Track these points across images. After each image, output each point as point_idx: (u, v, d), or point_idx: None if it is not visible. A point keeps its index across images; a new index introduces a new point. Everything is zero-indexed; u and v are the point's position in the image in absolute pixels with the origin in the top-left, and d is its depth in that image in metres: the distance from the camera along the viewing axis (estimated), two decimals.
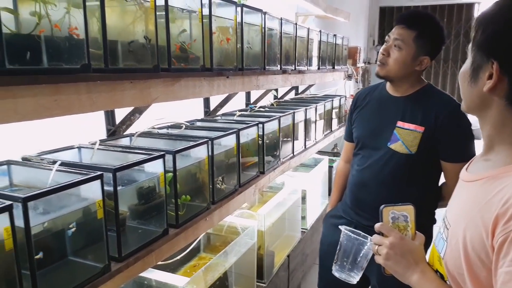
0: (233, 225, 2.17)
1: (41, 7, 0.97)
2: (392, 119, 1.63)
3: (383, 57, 1.62)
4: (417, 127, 1.56)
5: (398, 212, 1.03)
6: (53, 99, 0.97)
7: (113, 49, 1.18)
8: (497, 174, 0.78)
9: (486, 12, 0.80)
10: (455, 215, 0.88)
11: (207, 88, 1.63)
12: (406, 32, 1.56)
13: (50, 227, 1.03)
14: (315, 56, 2.97)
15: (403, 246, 0.95)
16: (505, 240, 0.68)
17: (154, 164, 1.31)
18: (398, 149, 1.59)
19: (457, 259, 0.80)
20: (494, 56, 0.76)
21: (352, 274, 1.16)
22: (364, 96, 1.82)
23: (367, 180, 1.69)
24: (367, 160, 1.70)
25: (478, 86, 0.81)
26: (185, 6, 1.44)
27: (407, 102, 1.64)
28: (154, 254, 1.31)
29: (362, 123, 1.77)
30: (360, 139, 1.75)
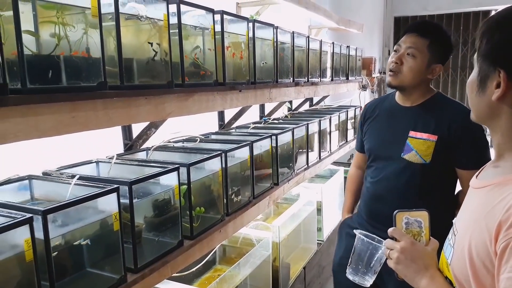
0: (248, 237, 2.18)
1: (60, 29, 1.02)
2: (404, 129, 1.62)
3: (396, 66, 1.60)
4: (430, 136, 1.55)
5: (412, 218, 1.04)
6: (71, 116, 1.01)
7: (129, 67, 1.23)
8: (503, 181, 0.79)
9: (490, 21, 0.80)
10: (463, 221, 0.89)
11: (220, 102, 1.67)
12: (420, 40, 1.56)
13: (68, 239, 1.07)
14: (328, 67, 2.99)
15: (414, 251, 0.95)
16: (506, 246, 0.68)
17: (169, 176, 1.35)
18: (413, 159, 1.58)
19: (463, 266, 0.80)
20: (501, 65, 0.76)
21: (366, 278, 1.17)
22: (373, 108, 1.81)
23: (383, 192, 1.67)
24: (381, 172, 1.69)
25: (486, 95, 0.81)
26: (198, 23, 1.48)
27: (418, 112, 1.63)
28: (169, 266, 1.33)
29: (373, 135, 1.76)
30: (372, 151, 1.75)
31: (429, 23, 1.65)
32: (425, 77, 1.60)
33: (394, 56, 1.62)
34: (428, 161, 1.55)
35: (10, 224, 0.85)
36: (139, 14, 1.23)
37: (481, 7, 6.57)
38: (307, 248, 2.81)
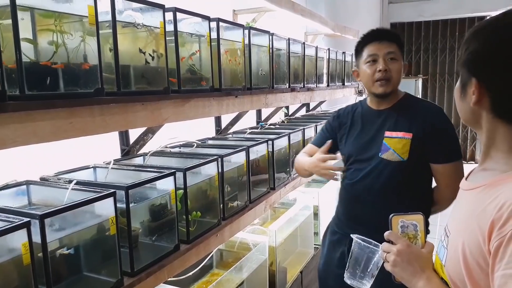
0: (245, 241, 2.19)
1: (58, 36, 1.05)
2: (379, 131, 1.67)
3: (386, 74, 1.61)
4: (405, 134, 1.60)
5: (407, 221, 1.05)
6: (68, 122, 1.03)
7: (126, 73, 1.25)
8: (493, 182, 0.81)
9: (470, 31, 0.85)
10: (455, 223, 0.91)
11: (217, 107, 1.69)
12: (392, 45, 1.63)
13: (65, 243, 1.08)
14: (324, 73, 3.02)
15: (410, 253, 0.97)
16: (500, 244, 0.70)
17: (165, 181, 1.36)
18: (390, 158, 1.61)
19: (457, 266, 0.82)
20: (473, 73, 0.81)
21: (363, 282, 1.18)
22: (347, 115, 1.84)
23: (361, 193, 1.69)
24: (359, 173, 1.70)
25: (466, 101, 0.86)
26: (194, 31, 1.51)
27: (391, 113, 1.68)
28: (165, 270, 1.35)
29: (350, 139, 1.78)
30: (350, 155, 1.76)
31: (389, 30, 1.74)
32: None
33: (376, 65, 1.62)
34: (405, 159, 1.59)
35: (8, 228, 0.87)
36: (136, 22, 1.25)
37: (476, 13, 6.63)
38: (304, 252, 2.82)
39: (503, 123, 0.82)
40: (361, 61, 1.68)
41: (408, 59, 7.46)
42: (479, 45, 0.81)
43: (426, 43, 7.34)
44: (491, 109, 0.82)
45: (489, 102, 0.81)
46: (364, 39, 1.69)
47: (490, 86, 0.80)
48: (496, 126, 0.83)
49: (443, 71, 7.32)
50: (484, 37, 0.81)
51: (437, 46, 7.27)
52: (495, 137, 0.84)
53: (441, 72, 7.33)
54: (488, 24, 0.81)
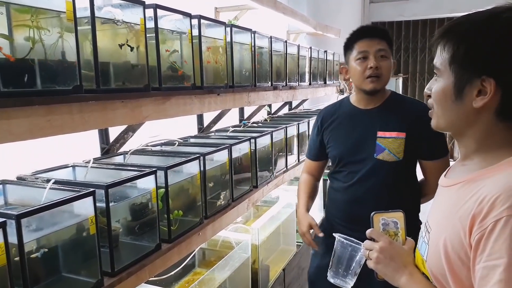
0: (227, 239, 2.19)
1: (35, 32, 1.02)
2: (370, 131, 1.66)
3: (377, 71, 1.61)
4: (399, 134, 1.61)
5: (388, 219, 1.07)
6: (46, 120, 1.01)
7: (105, 70, 1.23)
8: (473, 178, 0.82)
9: (463, 29, 0.80)
10: (435, 219, 0.92)
11: (198, 105, 1.68)
12: (382, 42, 1.63)
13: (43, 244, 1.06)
14: (306, 72, 3.03)
15: (392, 250, 0.99)
16: (481, 237, 0.72)
17: (146, 180, 1.35)
18: (386, 158, 1.62)
19: (438, 261, 0.83)
20: (489, 73, 0.76)
21: (346, 280, 1.19)
22: (330, 115, 1.82)
23: (360, 194, 1.68)
24: (355, 175, 1.70)
25: (464, 103, 0.81)
26: (175, 28, 1.50)
27: (381, 112, 1.68)
28: (147, 269, 1.33)
29: (339, 141, 1.76)
30: (342, 157, 1.74)
31: (380, 27, 1.73)
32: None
33: (366, 62, 1.62)
34: (401, 158, 1.62)
35: None
36: (115, 18, 1.23)
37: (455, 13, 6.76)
38: (287, 250, 2.84)
39: (500, 121, 0.80)
40: (351, 58, 1.67)
41: None
42: (492, 41, 0.76)
43: (407, 43, 7.46)
44: (496, 109, 0.79)
45: (498, 102, 0.78)
46: (354, 35, 1.67)
47: (507, 86, 0.76)
48: (493, 126, 0.81)
49: (422, 70, 7.45)
50: (495, 32, 0.76)
51: (417, 45, 7.39)
52: (488, 137, 0.83)
53: (421, 71, 7.47)
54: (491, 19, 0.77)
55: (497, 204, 0.71)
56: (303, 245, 3.00)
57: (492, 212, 0.71)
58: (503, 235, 0.69)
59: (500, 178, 0.76)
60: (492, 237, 0.70)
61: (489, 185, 0.76)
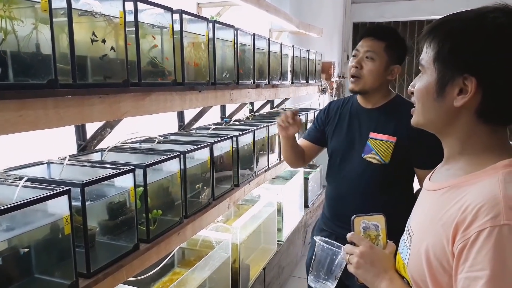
0: (207, 239, 2.16)
1: (7, 23, 0.97)
2: (365, 130, 1.67)
3: (356, 70, 1.62)
4: (389, 138, 1.60)
5: (369, 222, 1.06)
6: (18, 115, 0.97)
7: (82, 65, 1.19)
8: (457, 184, 0.80)
9: (449, 27, 0.79)
10: (418, 223, 0.91)
11: (179, 102, 1.64)
12: (377, 43, 1.61)
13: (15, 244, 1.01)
14: (289, 70, 3.03)
15: (372, 254, 0.97)
16: (464, 247, 0.71)
17: (124, 178, 1.31)
18: (372, 160, 1.63)
19: (420, 266, 0.82)
20: (471, 72, 0.75)
21: (328, 284, 1.18)
22: (335, 109, 1.84)
23: (344, 192, 1.71)
24: (341, 172, 1.72)
25: (445, 101, 0.80)
26: (156, 22, 1.46)
27: (379, 113, 1.68)
28: (124, 270, 1.30)
29: (337, 138, 1.78)
30: (335, 152, 1.77)
31: (384, 27, 1.71)
32: (385, 79, 1.65)
33: (354, 60, 1.64)
34: (387, 161, 1.61)
35: None
36: (93, 10, 1.19)
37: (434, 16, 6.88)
38: (267, 249, 2.83)
39: (482, 122, 0.79)
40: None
41: None
42: (475, 39, 0.75)
43: None
44: (476, 109, 0.77)
45: (479, 101, 0.76)
46: (360, 34, 1.68)
47: (487, 85, 0.75)
48: (474, 127, 0.80)
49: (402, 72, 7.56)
50: (479, 31, 0.75)
51: None
52: (469, 139, 0.82)
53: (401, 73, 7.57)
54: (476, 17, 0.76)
55: (480, 214, 0.70)
56: (283, 243, 3.00)
57: (476, 222, 0.70)
58: (486, 246, 0.68)
59: (484, 185, 0.75)
60: (475, 247, 0.69)
61: (473, 192, 0.75)
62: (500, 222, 0.68)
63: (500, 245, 0.67)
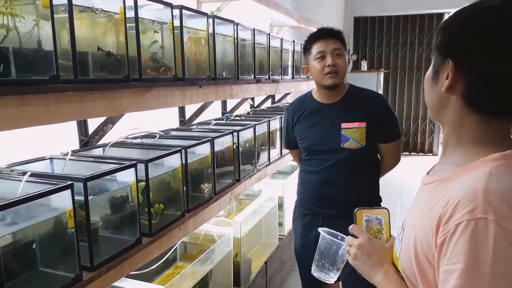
0: (209, 233, 2.18)
1: (9, 19, 0.98)
2: (335, 123, 1.83)
3: (334, 68, 1.78)
4: (360, 124, 1.81)
5: (372, 215, 1.07)
6: (20, 110, 0.98)
7: (83, 60, 1.20)
8: (446, 177, 0.81)
9: (447, 18, 0.83)
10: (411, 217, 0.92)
11: (180, 97, 1.65)
12: (337, 41, 1.80)
13: (19, 238, 1.03)
14: (289, 65, 3.03)
15: (370, 246, 0.99)
16: (444, 240, 0.71)
17: (126, 173, 1.32)
18: (352, 146, 1.81)
19: (409, 260, 0.83)
20: (450, 55, 0.78)
21: (330, 274, 1.19)
22: (298, 109, 1.96)
23: (330, 178, 1.86)
24: (325, 162, 1.87)
25: (438, 87, 0.83)
26: (156, 17, 1.47)
27: (342, 105, 1.85)
28: (127, 263, 1.31)
29: (308, 133, 1.91)
30: (311, 148, 1.91)
31: (332, 28, 1.87)
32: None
33: (324, 61, 1.78)
34: (364, 144, 1.81)
35: None
36: (94, 6, 1.20)
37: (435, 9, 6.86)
38: (269, 243, 2.84)
39: (472, 112, 0.79)
40: (310, 58, 1.84)
41: (370, 53, 7.62)
42: (458, 26, 0.78)
43: (388, 38, 7.52)
44: (462, 95, 0.79)
45: (462, 86, 0.78)
46: (311, 37, 1.85)
47: (466, 68, 0.77)
48: (464, 116, 0.81)
49: (403, 66, 7.54)
50: (463, 19, 0.78)
51: (398, 40, 7.47)
52: (460, 128, 0.82)
53: (402, 67, 7.55)
54: (468, 8, 0.78)
55: (459, 207, 0.70)
56: (285, 238, 3.01)
57: (455, 215, 0.70)
58: (462, 239, 0.68)
59: (468, 179, 0.75)
60: (452, 241, 0.69)
61: (457, 186, 0.75)
62: (476, 216, 0.68)
63: (474, 239, 0.67)
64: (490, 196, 0.69)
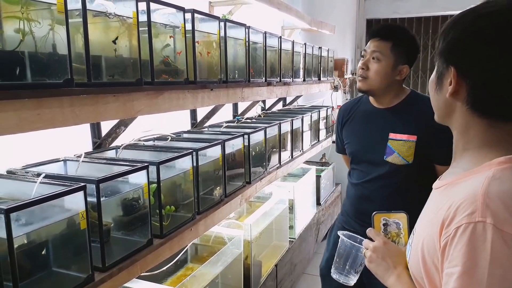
0: (220, 235, 2.19)
1: (25, 24, 1.01)
2: (383, 132, 1.65)
3: (363, 71, 1.64)
4: (409, 137, 1.58)
5: (390, 220, 1.08)
6: (35, 113, 1.00)
7: (97, 64, 1.22)
8: (453, 181, 0.81)
9: (447, 22, 0.83)
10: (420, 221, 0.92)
11: (191, 100, 1.67)
12: (382, 43, 1.60)
13: (33, 238, 1.05)
14: (301, 68, 3.03)
15: (385, 250, 1.00)
16: (446, 244, 0.72)
17: (138, 175, 1.34)
18: (395, 161, 1.61)
19: (417, 264, 0.83)
20: (451, 62, 0.79)
21: (350, 277, 1.21)
22: (348, 111, 1.83)
23: (369, 193, 1.71)
24: (366, 175, 1.72)
25: (442, 93, 0.84)
26: (168, 21, 1.48)
27: (395, 113, 1.66)
28: (138, 264, 1.33)
29: (353, 139, 1.78)
30: (355, 155, 1.77)
31: (391, 26, 1.70)
32: (393, 79, 1.63)
33: (361, 61, 1.66)
34: (410, 162, 1.59)
35: None
36: (107, 11, 1.22)
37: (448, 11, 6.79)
38: (279, 245, 2.84)
39: (477, 116, 0.80)
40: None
41: None
42: (459, 33, 0.78)
43: None
44: (466, 101, 0.79)
45: (466, 92, 0.79)
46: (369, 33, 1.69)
47: (468, 75, 0.77)
48: (470, 120, 0.81)
49: (417, 68, 7.47)
50: (463, 25, 0.78)
51: None
52: (467, 133, 0.83)
53: (415, 69, 7.47)
54: (468, 13, 0.79)
55: (459, 211, 0.71)
56: (295, 241, 3.01)
57: (455, 219, 0.71)
58: (461, 242, 0.68)
59: (471, 183, 0.75)
60: (453, 244, 0.70)
61: (460, 190, 0.76)
62: (475, 219, 0.68)
63: (472, 242, 0.67)
64: (489, 200, 0.69)
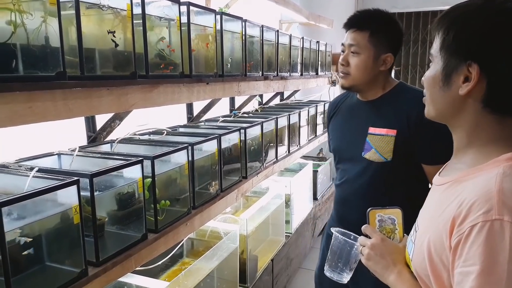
0: (216, 230, 2.18)
1: (17, 16, 0.99)
2: (363, 126, 1.50)
3: (343, 68, 1.49)
4: (389, 131, 1.42)
5: (385, 215, 1.07)
6: (27, 106, 0.99)
7: (90, 57, 1.20)
8: (459, 178, 0.80)
9: (454, 14, 0.79)
10: (423, 218, 0.91)
11: (187, 94, 1.65)
12: (359, 35, 1.45)
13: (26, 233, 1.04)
14: (298, 62, 3.01)
15: (383, 247, 0.99)
16: (459, 242, 0.71)
17: (132, 169, 1.33)
18: (373, 158, 1.46)
19: (422, 261, 0.82)
20: (474, 58, 0.74)
21: (343, 275, 1.19)
22: (335, 106, 1.72)
23: (347, 195, 1.58)
24: (344, 174, 1.58)
25: (451, 90, 0.80)
26: (163, 14, 1.46)
27: (377, 106, 1.51)
28: (133, 259, 1.32)
29: (335, 134, 1.67)
30: (336, 152, 1.65)
31: (366, 14, 1.49)
32: (377, 70, 1.47)
33: (341, 57, 1.51)
34: (389, 159, 1.43)
35: None
36: (101, 3, 1.20)
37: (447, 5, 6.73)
38: (275, 240, 2.84)
39: (490, 113, 0.77)
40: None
41: None
42: (478, 27, 0.74)
43: None
44: (482, 97, 0.76)
45: (484, 89, 0.75)
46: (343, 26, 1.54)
47: (493, 71, 0.74)
48: (482, 117, 0.79)
49: (415, 63, 7.46)
50: (483, 20, 0.74)
51: (410, 37, 7.38)
52: (475, 130, 0.80)
53: (413, 64, 7.47)
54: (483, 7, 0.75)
55: (474, 209, 0.70)
56: (292, 235, 3.01)
57: (469, 217, 0.70)
58: (477, 241, 0.68)
59: (481, 180, 0.74)
60: (468, 242, 0.69)
61: (470, 187, 0.75)
62: (491, 217, 0.67)
63: (490, 240, 0.67)
64: (505, 197, 0.68)
